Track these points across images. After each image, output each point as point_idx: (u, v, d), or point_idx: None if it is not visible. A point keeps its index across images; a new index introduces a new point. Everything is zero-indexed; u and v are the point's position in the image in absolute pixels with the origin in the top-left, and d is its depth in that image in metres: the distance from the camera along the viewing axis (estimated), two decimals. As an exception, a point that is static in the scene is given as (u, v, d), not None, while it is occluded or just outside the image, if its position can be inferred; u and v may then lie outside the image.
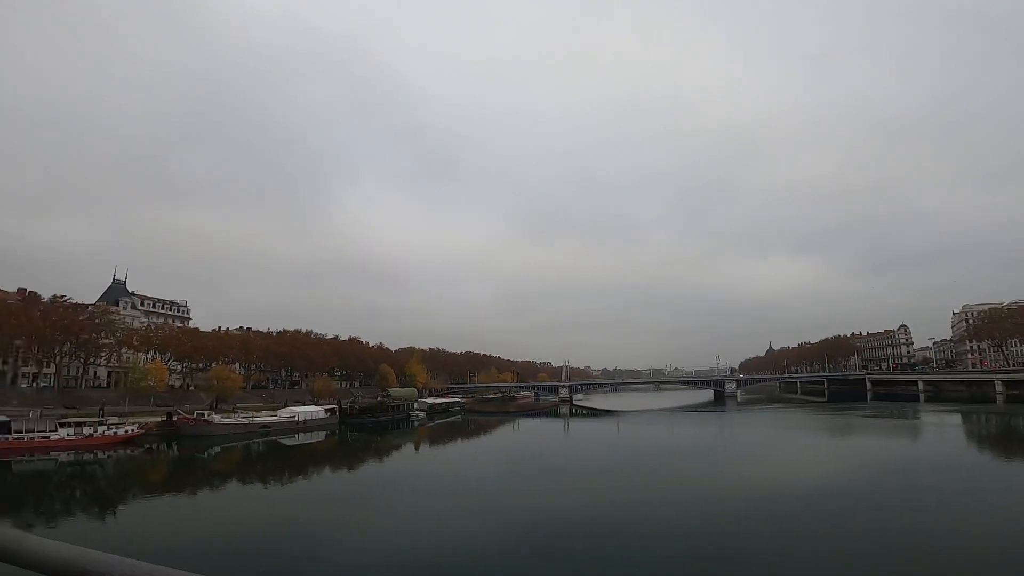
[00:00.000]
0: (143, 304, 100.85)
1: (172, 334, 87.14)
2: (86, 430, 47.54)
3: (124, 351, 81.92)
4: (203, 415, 58.61)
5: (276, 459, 48.88)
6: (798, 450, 46.88)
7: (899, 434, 57.79)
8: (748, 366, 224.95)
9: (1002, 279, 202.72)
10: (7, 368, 72.93)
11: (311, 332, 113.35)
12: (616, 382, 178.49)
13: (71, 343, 73.71)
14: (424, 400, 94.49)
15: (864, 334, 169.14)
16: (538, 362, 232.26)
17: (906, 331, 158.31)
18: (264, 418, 62.60)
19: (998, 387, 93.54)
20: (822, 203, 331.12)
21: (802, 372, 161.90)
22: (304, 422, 63.73)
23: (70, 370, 78.67)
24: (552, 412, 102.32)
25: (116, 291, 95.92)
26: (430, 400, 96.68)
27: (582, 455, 46.97)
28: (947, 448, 45.98)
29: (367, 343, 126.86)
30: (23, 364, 74.22)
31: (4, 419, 45.49)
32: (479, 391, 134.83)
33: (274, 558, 18.85)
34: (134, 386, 70.50)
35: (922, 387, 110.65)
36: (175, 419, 56.17)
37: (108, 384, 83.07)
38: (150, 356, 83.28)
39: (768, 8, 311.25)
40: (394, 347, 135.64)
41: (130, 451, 47.84)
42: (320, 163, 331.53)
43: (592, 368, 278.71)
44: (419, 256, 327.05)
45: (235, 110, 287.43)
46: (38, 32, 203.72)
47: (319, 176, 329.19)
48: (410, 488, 32.93)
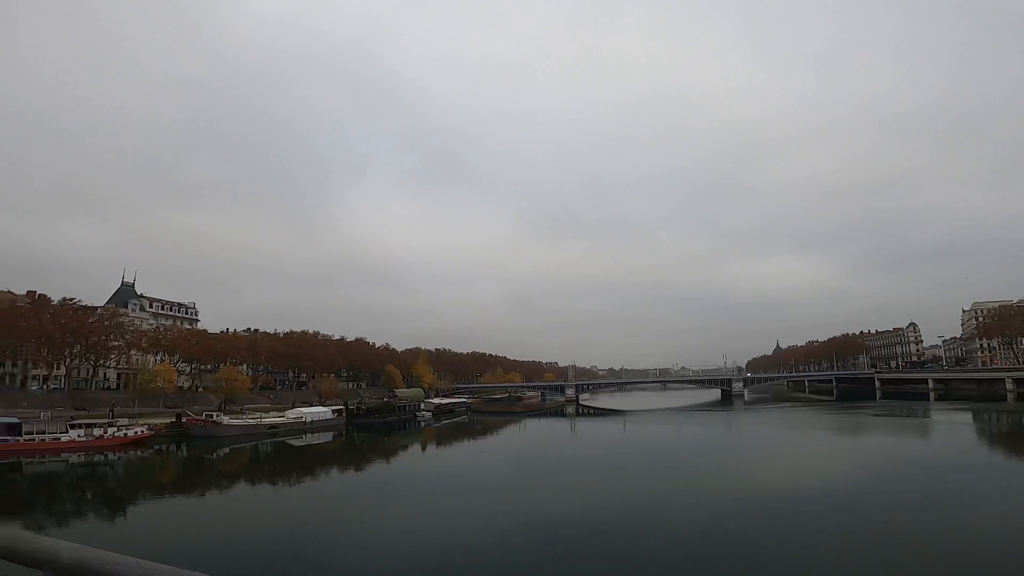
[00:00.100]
0: (152, 306, 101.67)
1: (180, 336, 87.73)
2: (96, 431, 47.92)
3: (133, 353, 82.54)
4: (212, 416, 58.98)
5: (284, 460, 49.10)
6: (807, 449, 46.62)
7: (909, 433, 57.41)
8: (755, 365, 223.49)
9: (1012, 276, 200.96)
10: (17, 370, 73.65)
11: (318, 333, 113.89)
12: (623, 381, 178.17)
13: (81, 345, 74.36)
14: (430, 400, 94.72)
15: (873, 332, 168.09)
16: (544, 362, 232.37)
17: (915, 329, 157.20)
18: (272, 419, 62.96)
19: (1008, 385, 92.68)
20: (829, 201, 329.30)
21: (810, 371, 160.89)
22: (311, 423, 64.02)
23: (80, 372, 79.39)
24: (558, 412, 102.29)
25: (125, 293, 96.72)
26: (436, 400, 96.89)
27: (589, 455, 46.91)
28: (958, 447, 45.57)
29: (373, 344, 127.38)
30: (33, 366, 74.93)
31: (15, 421, 45.97)
32: (485, 391, 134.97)
33: (283, 558, 18.93)
34: (143, 388, 71.04)
35: (932, 385, 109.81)
36: (184, 420, 56.53)
37: (118, 386, 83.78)
38: (159, 358, 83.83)
39: (774, 6, 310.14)
40: (400, 348, 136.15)
41: (140, 452, 48.20)
42: (326, 165, 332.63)
43: (598, 368, 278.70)
44: (425, 257, 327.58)
45: (241, 113, 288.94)
46: (46, 39, 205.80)
47: (325, 178, 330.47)
48: (417, 489, 33.01)
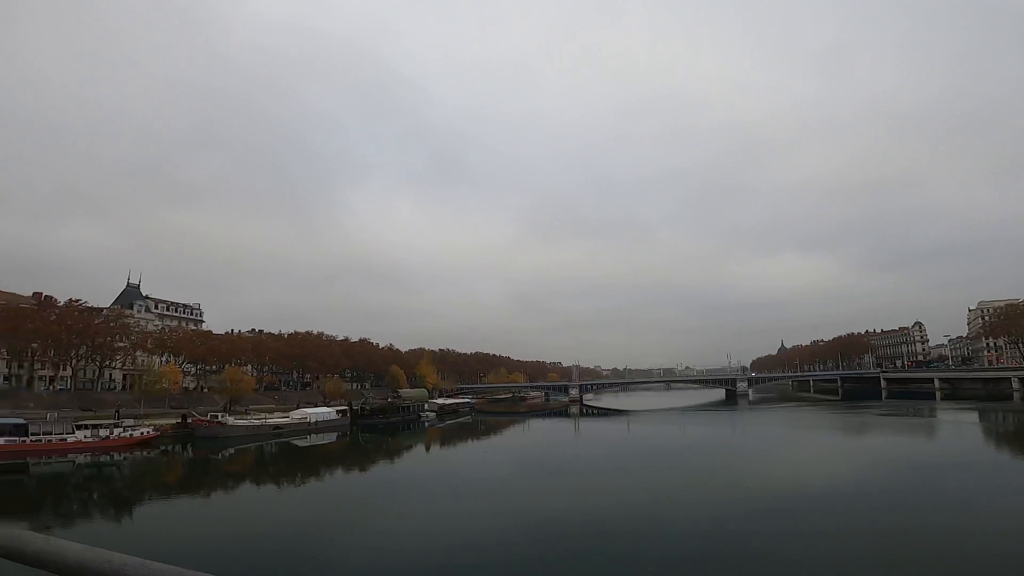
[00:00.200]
0: (157, 307, 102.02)
1: (186, 336, 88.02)
2: (102, 432, 48.10)
3: (139, 354, 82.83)
4: (217, 417, 59.18)
5: (289, 460, 49.21)
6: (812, 449, 46.43)
7: (915, 432, 57.14)
8: (760, 365, 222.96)
9: (1018, 275, 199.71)
10: (23, 371, 74.03)
11: (322, 334, 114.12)
12: (626, 381, 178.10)
13: (86, 346, 74.67)
14: (434, 401, 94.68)
15: (878, 332, 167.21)
16: (548, 362, 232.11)
17: (921, 328, 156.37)
18: (276, 420, 63.05)
19: (1015, 384, 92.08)
20: (833, 200, 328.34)
21: (815, 370, 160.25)
22: (316, 423, 64.14)
23: (86, 373, 79.72)
24: (562, 412, 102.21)
25: (130, 294, 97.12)
26: (440, 401, 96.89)
27: (593, 455, 46.84)
28: (964, 447, 45.32)
29: (377, 344, 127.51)
30: (39, 367, 75.31)
31: (22, 422, 46.17)
32: (489, 391, 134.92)
33: (288, 559, 18.97)
34: (149, 388, 71.31)
35: (938, 385, 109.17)
36: (190, 421, 56.70)
37: (123, 387, 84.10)
38: (164, 359, 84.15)
39: (775, 6, 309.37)
40: (404, 348, 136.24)
41: (146, 453, 48.39)
42: (327, 165, 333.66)
43: (602, 368, 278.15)
44: (428, 257, 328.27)
45: (243, 114, 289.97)
46: (47, 40, 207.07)
47: (327, 178, 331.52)
48: (421, 489, 33.04)
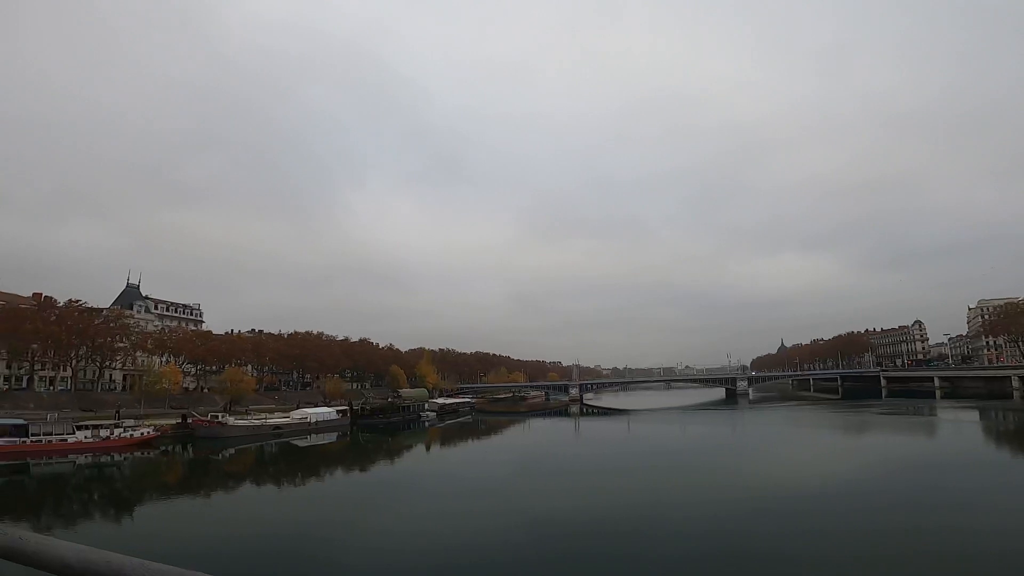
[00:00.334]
0: (157, 308, 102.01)
1: (186, 337, 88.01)
2: (103, 433, 48.10)
3: (139, 354, 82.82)
4: (217, 417, 59.18)
5: (289, 460, 49.21)
6: (813, 448, 46.45)
7: (916, 431, 57.19)
8: (760, 364, 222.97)
9: (1018, 273, 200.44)
10: (23, 372, 74.02)
11: (322, 334, 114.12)
12: (626, 381, 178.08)
13: (86, 347, 74.68)
14: (435, 400, 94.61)
15: (878, 330, 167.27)
16: (548, 361, 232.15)
17: (921, 327, 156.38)
18: (277, 420, 63.06)
19: (1015, 383, 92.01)
20: (833, 199, 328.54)
21: (815, 369, 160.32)
22: (316, 423, 64.13)
23: (86, 373, 79.72)
24: (563, 411, 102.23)
25: (130, 295, 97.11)
26: (440, 400, 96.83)
27: (593, 455, 46.85)
28: (965, 445, 45.32)
29: (377, 344, 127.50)
30: (39, 368, 75.31)
31: (22, 422, 46.20)
32: (489, 391, 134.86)
33: (289, 559, 18.97)
34: (149, 389, 71.29)
35: (938, 383, 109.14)
36: (190, 421, 56.71)
37: (123, 387, 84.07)
38: (164, 359, 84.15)
39: (775, 5, 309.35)
40: (404, 348, 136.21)
41: (146, 453, 48.39)
42: (327, 166, 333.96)
43: (602, 367, 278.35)
44: (428, 257, 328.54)
45: (243, 115, 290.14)
46: (47, 41, 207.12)
47: (327, 179, 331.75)
48: (422, 489, 33.05)
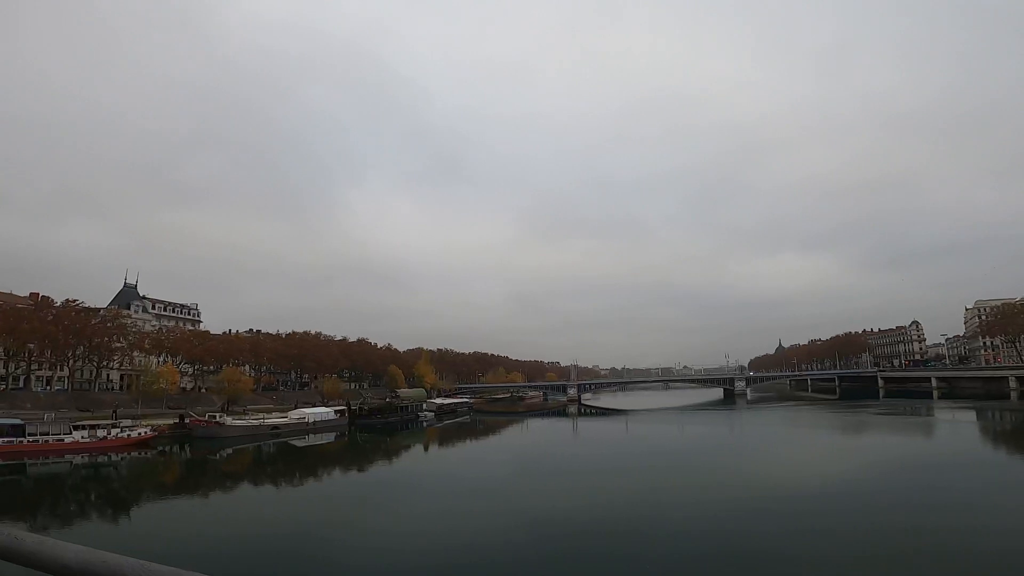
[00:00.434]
0: (154, 307, 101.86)
1: (183, 337, 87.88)
2: (100, 433, 47.99)
3: (136, 354, 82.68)
4: (215, 417, 59.07)
5: (287, 461, 49.13)
6: (810, 449, 46.51)
7: (913, 431, 57.29)
8: (758, 364, 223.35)
9: (1015, 274, 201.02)
10: (20, 372, 73.82)
11: (320, 334, 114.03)
12: (625, 381, 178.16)
13: (84, 347, 74.58)
14: (433, 400, 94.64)
15: (875, 331, 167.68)
16: (546, 361, 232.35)
17: (918, 327, 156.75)
18: (274, 420, 62.98)
19: (1012, 383, 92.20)
20: (832, 199, 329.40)
21: (813, 370, 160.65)
22: (314, 423, 64.07)
23: (83, 373, 79.59)
24: (561, 412, 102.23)
25: (127, 295, 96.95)
26: (439, 400, 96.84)
27: (591, 455, 46.85)
28: (962, 445, 45.40)
29: (375, 344, 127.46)
30: (36, 368, 75.12)
31: (19, 422, 46.08)
32: (487, 391, 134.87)
33: (286, 559, 18.94)
34: (146, 389, 71.18)
35: (935, 384, 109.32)
36: (187, 421, 56.62)
37: (121, 387, 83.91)
38: (162, 359, 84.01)
39: (775, 5, 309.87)
40: (402, 348, 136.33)
41: (143, 453, 48.26)
42: (327, 165, 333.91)
43: (600, 367, 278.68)
44: (427, 257, 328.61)
45: (242, 115, 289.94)
46: (46, 41, 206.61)
47: (326, 178, 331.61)
48: (420, 489, 33.00)
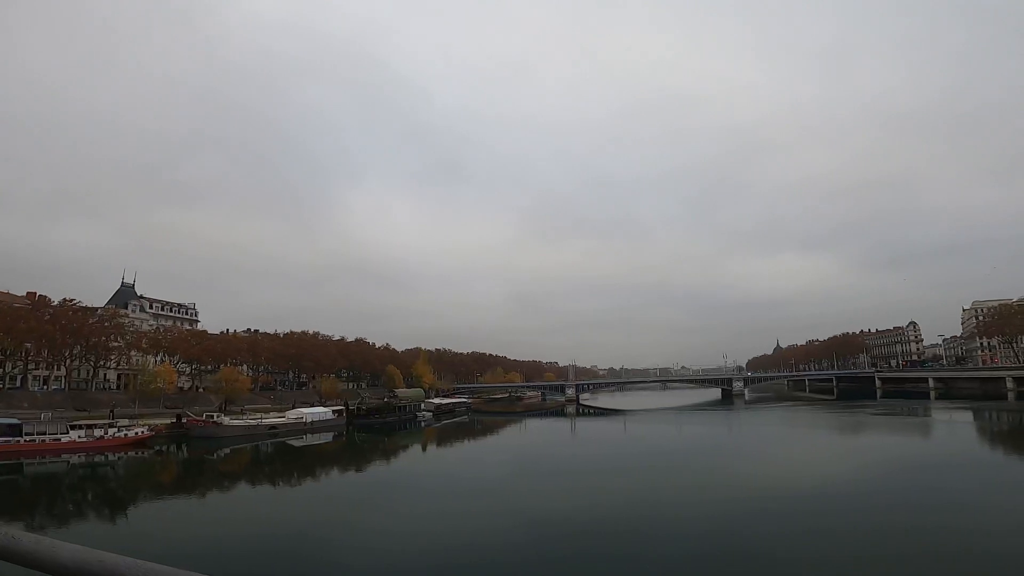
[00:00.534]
0: (152, 307, 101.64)
1: (181, 336, 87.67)
2: (97, 432, 47.88)
3: (133, 354, 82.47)
4: (212, 417, 58.95)
5: (284, 460, 49.07)
6: (808, 449, 46.61)
7: (910, 432, 57.41)
8: (756, 364, 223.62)
9: (1012, 275, 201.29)
10: (17, 371, 73.60)
11: (318, 334, 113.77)
12: (623, 381, 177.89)
13: (81, 346, 74.36)
14: (431, 401, 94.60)
15: (873, 331, 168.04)
16: (544, 362, 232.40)
17: (915, 328, 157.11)
18: (272, 420, 62.91)
19: (1009, 384, 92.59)
20: (831, 200, 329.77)
21: (810, 370, 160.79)
22: (312, 423, 63.99)
23: (80, 373, 79.37)
24: (559, 412, 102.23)
25: (125, 294, 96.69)
26: (437, 400, 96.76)
27: (589, 455, 46.86)
28: (959, 446, 45.53)
29: (374, 344, 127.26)
30: (33, 367, 74.90)
31: (16, 422, 45.98)
32: (486, 391, 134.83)
33: (284, 559, 18.91)
34: (143, 388, 70.97)
35: (932, 384, 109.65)
36: (184, 421, 56.51)
37: (118, 386, 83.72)
38: (159, 358, 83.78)
39: (775, 6, 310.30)
40: (400, 348, 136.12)
41: (140, 453, 48.18)
42: (326, 166, 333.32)
43: (599, 367, 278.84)
44: (426, 257, 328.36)
45: (240, 114, 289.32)
46: (44, 41, 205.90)
47: (325, 178, 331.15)
48: (418, 489, 32.98)
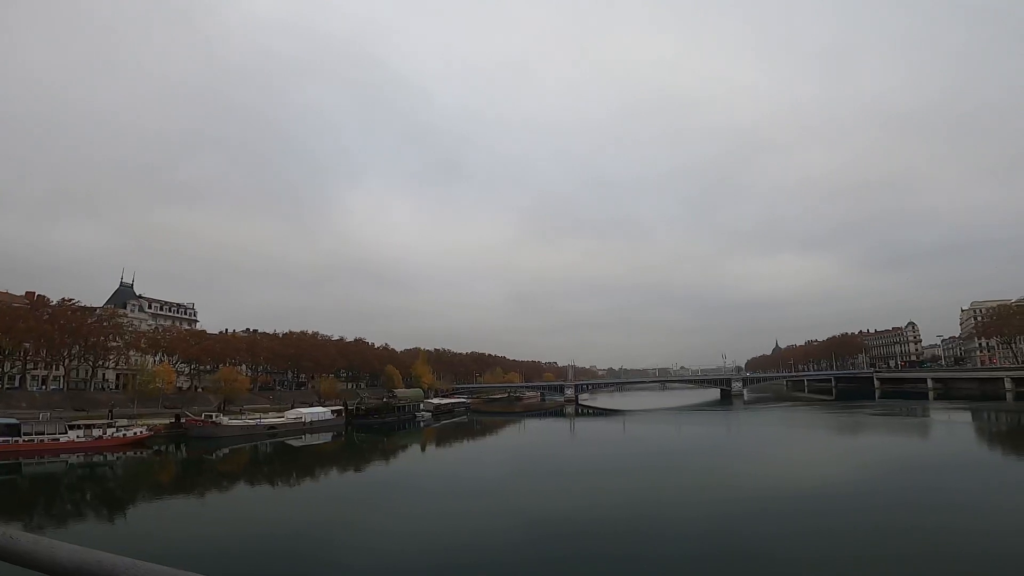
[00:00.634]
0: (150, 307, 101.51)
1: (179, 336, 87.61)
2: (95, 432, 47.81)
3: (132, 353, 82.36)
4: (211, 417, 58.89)
5: (283, 460, 49.02)
6: (807, 449, 46.62)
7: (908, 432, 57.44)
8: (755, 364, 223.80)
9: (1011, 275, 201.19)
10: (16, 371, 73.50)
11: (317, 333, 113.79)
12: (622, 381, 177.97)
13: (79, 346, 74.26)
14: (430, 401, 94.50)
15: (872, 332, 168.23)
16: (544, 362, 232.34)
17: (914, 328, 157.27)
18: (271, 420, 62.85)
19: (1007, 384, 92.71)
20: (831, 200, 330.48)
21: (809, 370, 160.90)
22: (311, 423, 63.94)
23: (79, 373, 79.26)
24: (558, 412, 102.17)
25: (123, 294, 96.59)
26: (436, 401, 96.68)
27: (588, 455, 46.84)
28: (957, 446, 45.58)
29: (373, 344, 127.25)
30: (32, 367, 74.78)
31: (14, 422, 45.89)
32: (485, 391, 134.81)
33: (282, 559, 18.88)
34: (142, 388, 70.86)
35: (931, 385, 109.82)
36: (183, 421, 56.45)
37: (116, 386, 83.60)
38: (158, 358, 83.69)
39: (775, 6, 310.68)
40: (400, 348, 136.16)
41: (139, 453, 48.11)
42: (325, 166, 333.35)
43: (598, 367, 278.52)
44: (425, 257, 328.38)
45: (240, 114, 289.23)
46: (43, 41, 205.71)
47: (324, 178, 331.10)
48: (417, 489, 32.96)
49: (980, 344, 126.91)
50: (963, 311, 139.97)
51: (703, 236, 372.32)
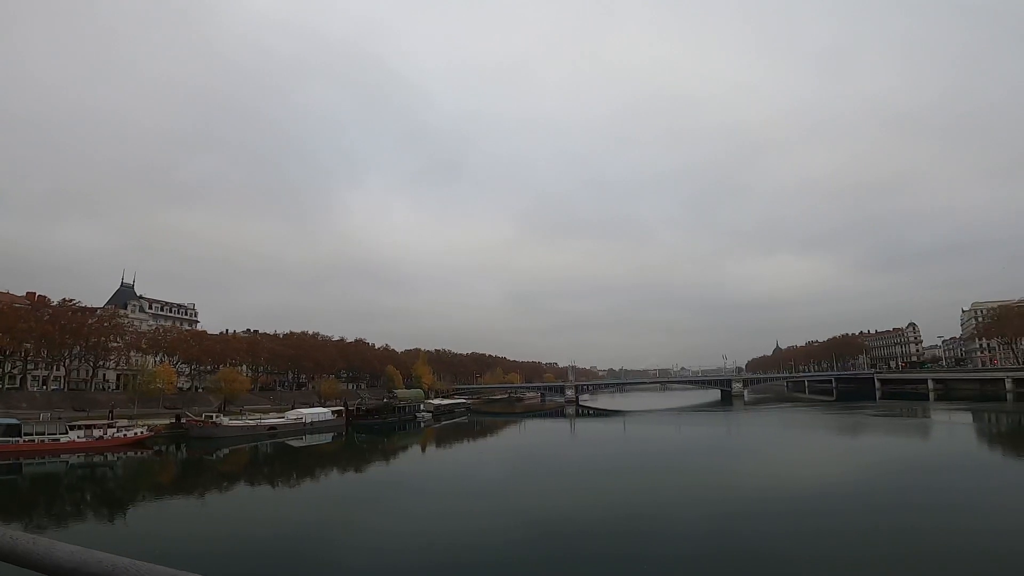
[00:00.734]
0: (151, 307, 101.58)
1: (180, 337, 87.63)
2: (96, 432, 47.83)
3: (133, 354, 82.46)
4: (211, 417, 58.94)
5: (284, 461, 49.02)
6: (808, 450, 46.56)
7: (909, 433, 57.38)
8: (755, 365, 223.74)
9: (1012, 276, 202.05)
10: (17, 371, 73.55)
11: (317, 334, 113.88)
12: (622, 382, 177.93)
13: (80, 346, 74.35)
14: (430, 401, 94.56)
15: (872, 332, 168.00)
16: (544, 362, 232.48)
17: (915, 329, 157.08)
18: (271, 420, 62.92)
19: (1008, 385, 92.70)
20: (831, 200, 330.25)
21: (810, 371, 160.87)
22: (311, 424, 63.95)
23: (79, 373, 79.36)
24: (558, 412, 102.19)
25: (124, 294, 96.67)
26: (436, 401, 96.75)
27: (589, 456, 46.80)
28: (958, 447, 45.54)
29: (373, 345, 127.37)
30: (32, 367, 74.84)
31: (15, 422, 45.92)
32: (485, 392, 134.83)
33: (283, 559, 18.89)
34: (143, 389, 70.89)
35: (932, 385, 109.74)
36: (184, 421, 56.49)
37: (117, 387, 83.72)
38: (158, 359, 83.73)
39: (775, 6, 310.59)
40: (400, 348, 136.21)
41: (139, 453, 48.13)
42: (326, 166, 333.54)
43: (598, 368, 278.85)
44: (426, 258, 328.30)
45: (240, 114, 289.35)
46: (44, 41, 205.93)
47: (325, 179, 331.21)
48: (417, 490, 32.94)
49: (981, 345, 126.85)
50: (964, 312, 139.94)
51: (703, 236, 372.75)
